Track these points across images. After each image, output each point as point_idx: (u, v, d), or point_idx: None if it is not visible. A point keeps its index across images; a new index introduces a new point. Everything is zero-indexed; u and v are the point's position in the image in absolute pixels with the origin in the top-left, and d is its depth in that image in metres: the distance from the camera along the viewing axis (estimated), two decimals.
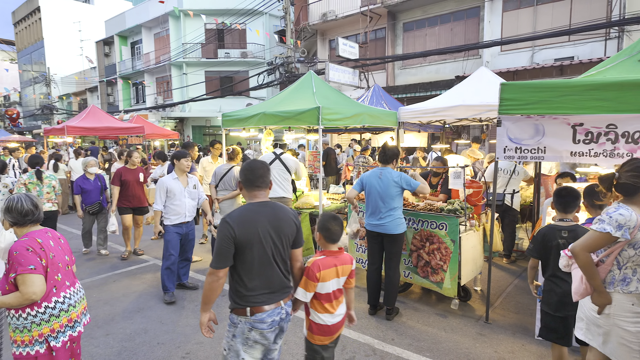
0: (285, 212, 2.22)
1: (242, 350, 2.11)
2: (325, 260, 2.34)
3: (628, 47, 4.00)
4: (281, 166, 5.17)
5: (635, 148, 3.11)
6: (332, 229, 2.39)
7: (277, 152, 5.33)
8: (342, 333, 3.69)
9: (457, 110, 6.29)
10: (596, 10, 11.13)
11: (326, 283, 2.31)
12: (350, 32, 16.96)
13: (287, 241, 2.19)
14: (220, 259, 2.03)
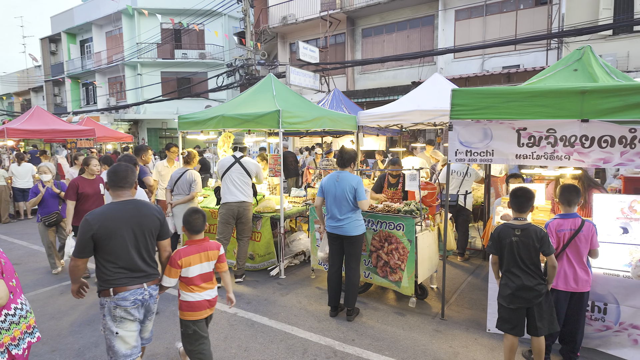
0: (148, 208, 2.60)
1: (114, 326, 2.45)
2: (188, 249, 2.79)
3: (565, 57, 4.34)
4: (241, 170, 5.05)
5: (571, 151, 3.36)
6: (193, 222, 2.82)
7: (237, 156, 5.18)
8: (303, 337, 3.71)
9: (412, 114, 6.51)
10: (538, 23, 11.97)
11: (190, 268, 2.76)
12: (310, 36, 17.09)
13: (149, 233, 2.56)
14: (80, 250, 2.40)
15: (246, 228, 5.11)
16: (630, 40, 10.71)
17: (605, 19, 10.78)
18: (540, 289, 2.86)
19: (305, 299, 4.59)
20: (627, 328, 3.21)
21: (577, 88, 3.19)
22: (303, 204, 5.77)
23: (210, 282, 2.87)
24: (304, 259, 5.87)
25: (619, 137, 3.17)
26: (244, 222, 5.07)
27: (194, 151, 5.56)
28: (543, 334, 2.90)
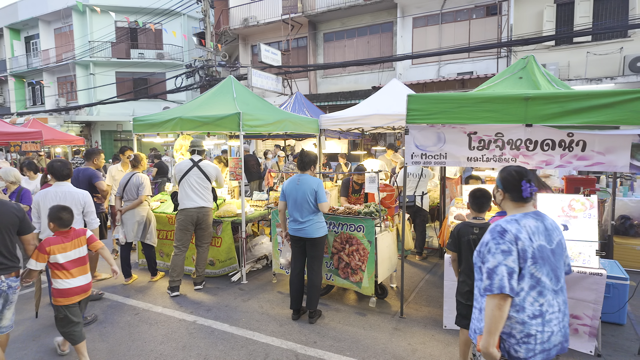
0: (6, 207, 2.86)
1: None
2: (55, 238, 3.13)
3: (511, 65, 4.61)
4: (200, 174, 4.88)
5: (517, 154, 3.58)
6: (63, 217, 3.14)
7: (195, 159, 4.97)
8: (265, 342, 3.67)
9: (372, 119, 6.66)
10: (489, 32, 12.64)
11: (57, 256, 3.08)
12: (272, 39, 17.03)
13: (7, 230, 2.84)
14: None
15: (206, 234, 4.98)
16: (570, 50, 11.57)
17: (548, 30, 11.58)
18: None
19: (267, 304, 4.55)
20: None
21: (522, 95, 3.41)
22: (265, 208, 5.72)
23: (82, 269, 3.21)
24: (267, 263, 5.82)
25: (559, 141, 3.42)
26: (204, 228, 4.93)
27: (142, 154, 5.38)
28: None
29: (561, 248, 2.04)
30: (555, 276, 1.97)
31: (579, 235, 3.48)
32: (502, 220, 2.01)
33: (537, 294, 1.92)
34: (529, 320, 1.90)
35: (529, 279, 1.91)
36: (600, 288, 3.28)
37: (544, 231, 1.98)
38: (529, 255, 1.91)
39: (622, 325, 3.92)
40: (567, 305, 2.03)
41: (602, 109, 3.13)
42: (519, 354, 1.91)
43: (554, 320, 1.94)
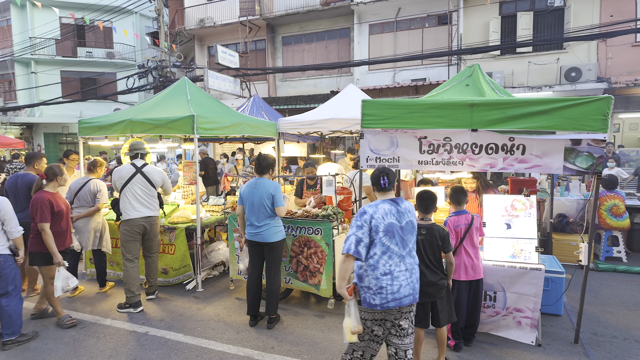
0: None
1: None
2: None
3: (458, 73, 4.86)
4: (144, 180, 4.51)
5: (464, 157, 3.77)
6: None
7: (138, 164, 4.55)
8: (221, 350, 3.59)
9: (330, 123, 6.75)
10: (441, 40, 13.22)
11: None
12: (230, 41, 16.77)
13: None
14: None
15: (154, 244, 4.73)
16: (514, 60, 12.35)
17: (494, 40, 12.30)
18: (442, 283, 3.14)
19: (224, 311, 4.46)
20: (512, 312, 3.67)
21: (467, 101, 3.60)
22: (222, 213, 5.60)
23: None
24: (224, 270, 5.70)
25: (502, 145, 3.64)
26: (152, 238, 4.67)
27: (100, 159, 5.10)
28: (444, 324, 3.19)
29: (410, 226, 2.66)
30: (403, 245, 2.60)
31: (520, 233, 3.72)
32: (367, 205, 2.65)
33: (388, 258, 2.55)
34: (381, 276, 2.52)
35: (381, 246, 2.54)
36: (540, 282, 3.53)
37: (396, 213, 2.61)
38: (381, 229, 2.54)
39: (560, 315, 4.23)
40: (413, 267, 2.65)
41: (538, 115, 3.38)
42: (375, 301, 2.53)
43: (402, 277, 2.56)
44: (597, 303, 4.59)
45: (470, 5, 12.80)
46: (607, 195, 5.98)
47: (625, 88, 11.15)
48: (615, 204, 5.93)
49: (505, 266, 3.61)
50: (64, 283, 3.93)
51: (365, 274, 2.57)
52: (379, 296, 2.52)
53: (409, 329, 2.67)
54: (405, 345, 2.66)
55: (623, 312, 4.35)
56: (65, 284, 3.94)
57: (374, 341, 2.66)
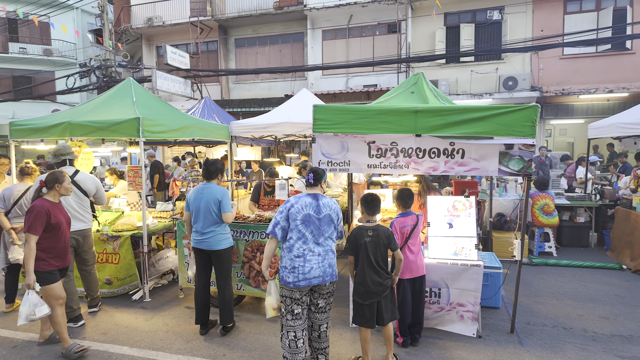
0: None
1: None
2: None
3: (404, 81, 5.08)
4: (77, 190, 4.19)
5: (409, 161, 3.94)
6: None
7: (69, 172, 4.18)
8: None
9: (284, 126, 6.77)
10: (391, 48, 13.71)
11: None
12: (180, 41, 16.27)
13: None
14: None
15: (89, 256, 4.41)
16: (458, 68, 13.10)
17: (439, 50, 12.97)
18: (387, 283, 3.25)
19: (173, 320, 4.31)
20: (455, 307, 3.89)
21: (412, 108, 3.78)
22: (170, 219, 5.42)
23: None
24: (173, 278, 5.51)
25: (443, 149, 3.85)
26: (86, 250, 4.35)
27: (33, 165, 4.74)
28: (388, 322, 3.30)
29: (327, 219, 3.06)
30: (319, 234, 3.03)
31: (461, 232, 3.96)
32: (293, 196, 3.11)
33: (302, 243, 2.99)
34: (295, 258, 2.97)
35: (297, 232, 2.99)
36: (479, 278, 3.77)
37: (315, 206, 3.04)
38: (299, 218, 2.99)
39: (498, 308, 4.54)
40: (327, 253, 3.05)
41: (475, 121, 3.62)
42: (289, 279, 2.97)
43: (314, 260, 2.98)
44: (531, 295, 4.98)
45: (417, 15, 13.41)
46: (539, 195, 6.51)
47: (554, 97, 12.21)
48: (546, 203, 6.47)
49: (448, 263, 3.82)
50: (29, 310, 3.28)
51: (283, 254, 3.04)
52: (292, 275, 2.95)
53: (326, 306, 3.14)
54: (321, 320, 3.14)
55: (552, 302, 4.75)
56: (31, 311, 3.28)
57: (297, 319, 3.03)
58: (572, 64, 12.33)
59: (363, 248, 3.23)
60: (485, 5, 12.81)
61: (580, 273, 5.83)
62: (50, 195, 3.55)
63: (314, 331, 3.18)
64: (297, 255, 2.97)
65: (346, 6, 13.30)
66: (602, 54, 12.18)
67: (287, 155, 11.74)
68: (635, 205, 6.18)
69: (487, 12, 12.78)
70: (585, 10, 12.30)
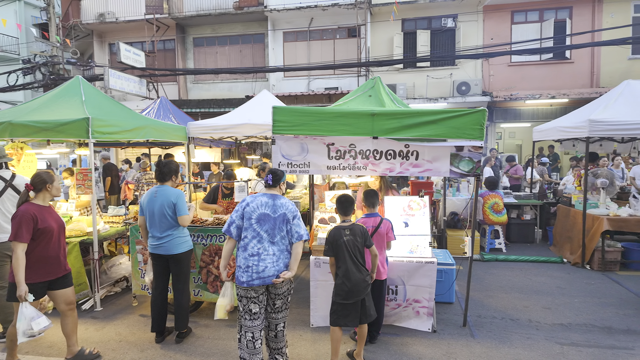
0: None
1: None
2: None
3: (362, 84, 5.19)
4: (16, 195, 3.90)
5: (367, 162, 4.04)
6: None
7: (6, 176, 3.90)
8: None
9: (244, 128, 6.70)
10: (351, 52, 13.93)
11: None
12: (135, 39, 15.62)
13: None
14: None
15: None
16: (415, 73, 13.55)
17: (397, 55, 13.36)
18: (368, 279, 3.30)
19: (127, 329, 4.13)
20: (411, 303, 4.02)
21: (369, 111, 3.88)
22: (123, 224, 5.19)
23: None
24: (126, 286, 5.28)
25: (399, 151, 3.98)
26: None
27: None
28: (370, 320, 3.34)
29: (282, 218, 3.04)
30: (273, 234, 3.01)
31: (417, 231, 4.11)
32: (249, 195, 3.13)
33: (257, 242, 2.98)
34: (249, 257, 2.97)
35: (252, 231, 3.00)
36: (433, 274, 3.92)
37: (271, 206, 3.05)
38: (254, 217, 3.00)
39: (452, 303, 4.75)
40: (282, 253, 3.04)
41: (429, 125, 3.78)
42: (243, 278, 2.96)
43: (268, 259, 2.97)
44: (482, 289, 5.25)
45: (376, 21, 13.74)
46: (489, 194, 6.88)
47: (504, 101, 12.94)
48: (496, 202, 6.85)
49: (404, 261, 3.95)
50: (26, 325, 2.93)
51: (239, 254, 3.03)
52: (246, 274, 2.95)
53: (283, 306, 3.16)
54: (277, 320, 3.16)
55: (501, 295, 5.04)
56: (27, 326, 2.93)
57: (255, 319, 3.02)
58: (519, 71, 13.14)
59: (343, 247, 3.25)
60: (439, 12, 13.35)
61: (527, 267, 6.22)
62: (40, 199, 3.24)
63: (270, 331, 3.19)
64: (251, 254, 2.96)
65: (307, 9, 13.37)
66: (545, 62, 13.08)
67: (248, 156, 11.60)
68: (574, 203, 6.69)
69: (442, 19, 13.34)
70: (530, 21, 13.16)
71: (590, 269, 6.08)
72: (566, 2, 12.70)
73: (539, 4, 12.88)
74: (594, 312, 4.51)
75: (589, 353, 3.61)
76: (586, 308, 4.62)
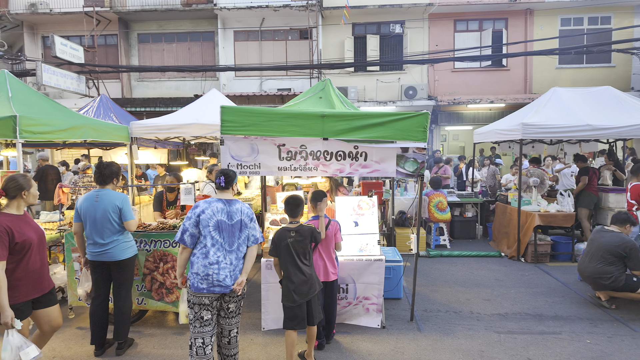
0: None
1: None
2: None
3: (313, 86, 5.24)
4: None
5: (318, 163, 4.07)
6: None
7: None
8: None
9: (192, 128, 6.49)
10: (303, 54, 14.00)
11: None
12: (72, 32, 14.57)
13: None
14: None
15: None
16: (365, 77, 13.89)
17: (348, 58, 13.62)
18: (315, 281, 3.29)
19: (62, 344, 3.83)
20: (361, 301, 4.11)
21: (319, 113, 3.91)
22: (57, 231, 4.81)
23: None
24: (62, 297, 4.89)
25: (348, 152, 4.05)
26: None
27: None
28: (317, 322, 3.36)
29: (239, 225, 3.00)
30: (231, 242, 2.96)
31: (366, 229, 4.21)
32: (202, 200, 3.01)
33: (216, 250, 2.91)
34: (209, 265, 2.89)
35: (210, 239, 2.91)
36: (382, 271, 4.04)
37: (227, 212, 2.97)
38: (210, 224, 2.91)
39: (400, 299, 4.92)
40: (239, 260, 3.00)
41: (376, 126, 3.89)
42: (202, 285, 2.88)
43: (226, 268, 2.92)
44: (428, 284, 5.48)
45: (327, 24, 13.91)
46: (434, 193, 7.22)
47: (448, 105, 13.64)
48: (440, 200, 7.19)
49: (354, 260, 4.03)
50: (13, 356, 2.58)
51: (196, 261, 2.92)
52: (206, 281, 2.88)
53: (237, 310, 3.10)
54: (231, 325, 3.09)
55: (446, 290, 5.30)
56: (15, 356, 2.59)
57: (206, 325, 2.95)
58: (462, 77, 13.92)
59: (286, 250, 3.24)
60: (388, 18, 13.80)
61: (469, 262, 6.59)
62: (14, 207, 2.85)
63: (223, 337, 3.11)
64: (211, 263, 2.88)
65: (258, 9, 13.23)
66: (484, 69, 13.97)
67: (197, 158, 11.22)
68: (510, 201, 7.20)
69: (390, 25, 13.79)
70: (471, 30, 14.00)
71: (525, 261, 6.57)
72: (502, 13, 13.67)
73: (479, 14, 13.74)
74: (527, 301, 4.87)
75: (522, 339, 3.90)
76: (521, 298, 4.98)
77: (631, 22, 13.27)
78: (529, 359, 3.54)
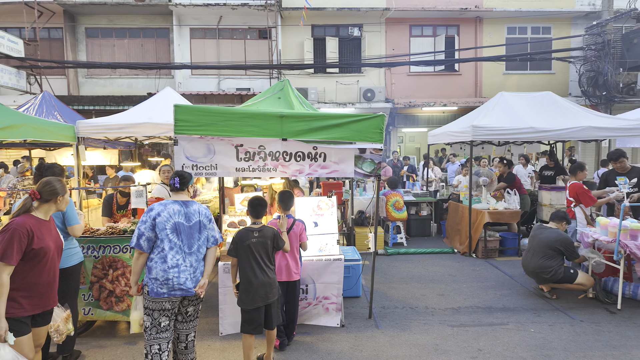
0: None
1: None
2: None
3: (271, 86, 5.20)
4: None
5: (277, 164, 4.04)
6: None
7: None
8: None
9: (144, 127, 6.22)
10: (262, 54, 13.86)
11: None
12: (11, 24, 13.48)
13: None
14: None
15: None
16: (325, 78, 13.99)
17: (308, 59, 13.66)
18: (274, 283, 3.25)
19: None
20: (321, 300, 4.13)
21: (277, 113, 3.89)
22: None
23: None
24: None
25: (307, 153, 4.05)
26: None
27: None
28: (275, 326, 3.33)
29: (198, 226, 2.95)
30: (190, 244, 2.90)
31: (325, 230, 4.24)
32: (157, 203, 2.90)
33: (175, 253, 2.83)
34: (168, 269, 2.79)
35: (168, 242, 2.82)
36: (341, 270, 4.08)
37: (184, 214, 2.91)
38: (168, 227, 2.81)
39: (359, 297, 5.00)
40: (199, 263, 2.95)
41: (334, 127, 3.92)
42: (163, 290, 2.79)
43: (187, 271, 2.86)
44: (385, 281, 5.62)
45: (287, 24, 13.87)
46: (391, 193, 7.40)
47: (404, 108, 14.06)
48: (397, 199, 7.40)
49: (314, 260, 4.04)
50: None
51: (154, 266, 2.81)
52: (166, 286, 2.80)
53: (195, 314, 3.05)
54: (188, 329, 3.03)
55: (403, 286, 5.45)
56: None
57: (164, 332, 2.87)
58: (417, 80, 14.40)
59: (248, 250, 3.18)
60: (347, 21, 14.00)
61: (425, 259, 6.83)
62: (42, 211, 2.68)
63: (180, 342, 3.02)
64: (171, 266, 2.80)
65: (215, 6, 12.93)
66: (438, 73, 14.54)
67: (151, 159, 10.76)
68: (462, 200, 7.54)
69: (349, 28, 13.99)
70: (426, 35, 14.52)
71: (476, 257, 6.91)
72: (454, 20, 14.30)
73: (433, 20, 14.29)
74: (478, 295, 5.12)
75: (474, 331, 4.10)
76: (472, 292, 5.23)
77: (569, 32, 14.37)
78: (479, 349, 3.72)
